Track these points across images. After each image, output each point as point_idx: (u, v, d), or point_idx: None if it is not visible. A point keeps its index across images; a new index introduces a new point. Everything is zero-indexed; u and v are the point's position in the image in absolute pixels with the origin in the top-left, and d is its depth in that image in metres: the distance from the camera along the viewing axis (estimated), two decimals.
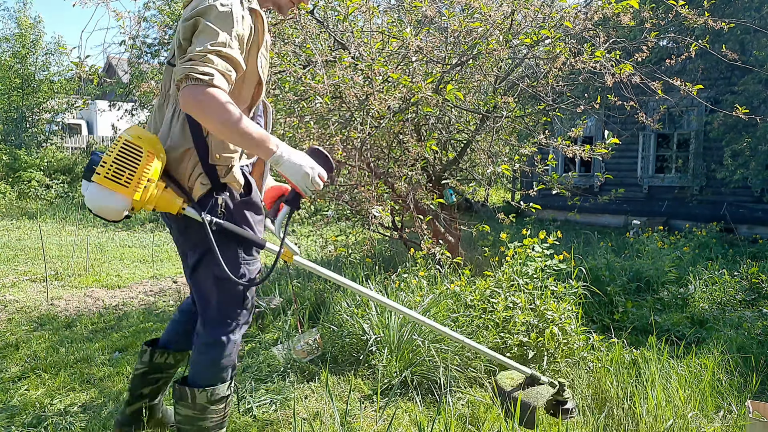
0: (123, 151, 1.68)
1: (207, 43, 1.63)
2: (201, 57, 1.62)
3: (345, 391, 2.82)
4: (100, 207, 1.69)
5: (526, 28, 3.89)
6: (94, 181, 1.66)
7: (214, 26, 1.65)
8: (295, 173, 1.74)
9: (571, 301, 3.37)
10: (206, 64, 1.61)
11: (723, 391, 2.71)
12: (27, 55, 14.99)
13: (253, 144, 1.70)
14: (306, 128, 3.53)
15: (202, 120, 1.68)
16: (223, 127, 1.65)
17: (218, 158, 1.80)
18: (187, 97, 1.61)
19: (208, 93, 1.61)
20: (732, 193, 9.11)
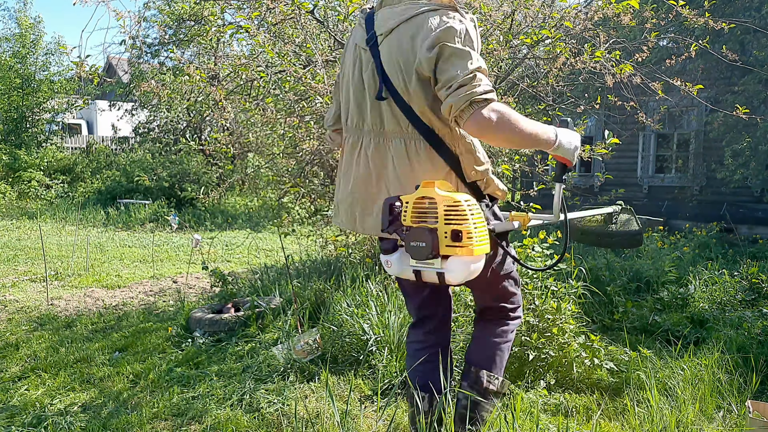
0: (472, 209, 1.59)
1: (466, 63, 1.60)
2: (471, 79, 1.59)
3: (345, 391, 2.82)
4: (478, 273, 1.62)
5: (526, 28, 3.89)
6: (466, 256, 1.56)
7: (463, 48, 1.62)
8: (569, 152, 1.77)
9: (571, 301, 3.37)
10: (480, 84, 1.59)
11: (723, 391, 2.71)
12: (27, 55, 14.99)
13: (543, 138, 1.70)
14: (306, 128, 3.53)
15: (499, 137, 1.66)
16: (522, 135, 1.64)
17: (473, 174, 1.80)
18: (479, 120, 1.57)
19: (496, 111, 1.59)
20: (732, 193, 9.11)
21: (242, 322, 3.80)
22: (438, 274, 1.60)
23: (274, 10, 3.48)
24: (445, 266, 1.58)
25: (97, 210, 11.36)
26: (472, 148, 1.80)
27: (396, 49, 1.71)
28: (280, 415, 2.59)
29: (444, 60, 1.62)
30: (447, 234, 1.55)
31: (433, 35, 1.63)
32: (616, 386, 2.93)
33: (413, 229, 1.60)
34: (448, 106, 1.60)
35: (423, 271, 1.64)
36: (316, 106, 3.53)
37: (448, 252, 1.56)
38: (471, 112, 1.57)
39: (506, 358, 2.10)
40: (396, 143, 1.78)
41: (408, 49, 1.68)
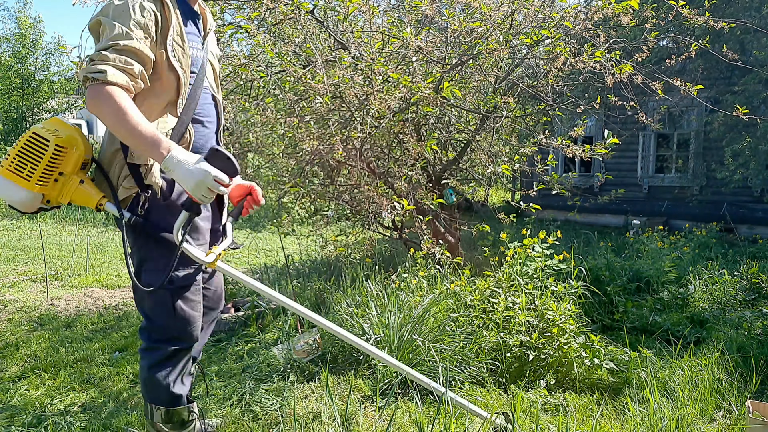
0: (27, 144, 1.68)
1: (106, 40, 1.63)
2: (98, 55, 1.61)
3: (345, 391, 2.82)
4: (5, 198, 1.71)
5: (526, 28, 3.89)
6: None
7: (112, 21, 1.64)
8: (187, 181, 1.63)
9: (571, 301, 3.37)
10: (102, 62, 1.59)
11: (723, 391, 2.71)
12: (27, 55, 15.00)
13: (144, 145, 1.63)
14: (306, 128, 3.53)
15: (100, 119, 1.65)
16: (114, 125, 1.62)
17: (133, 156, 1.75)
18: (87, 97, 1.61)
19: (102, 91, 1.58)
20: (732, 193, 9.11)
21: (242, 322, 3.80)
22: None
23: (274, 10, 3.48)
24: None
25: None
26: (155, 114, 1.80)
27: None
28: (280, 415, 2.59)
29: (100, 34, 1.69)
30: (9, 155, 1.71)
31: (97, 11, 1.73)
32: (616, 386, 2.93)
33: None
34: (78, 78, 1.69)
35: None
36: (316, 106, 3.53)
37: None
38: (86, 86, 1.62)
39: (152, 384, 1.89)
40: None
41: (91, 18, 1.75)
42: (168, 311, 1.85)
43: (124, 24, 1.63)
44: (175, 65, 1.76)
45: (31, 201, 1.70)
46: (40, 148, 1.67)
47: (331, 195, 4.23)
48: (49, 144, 1.67)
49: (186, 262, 1.86)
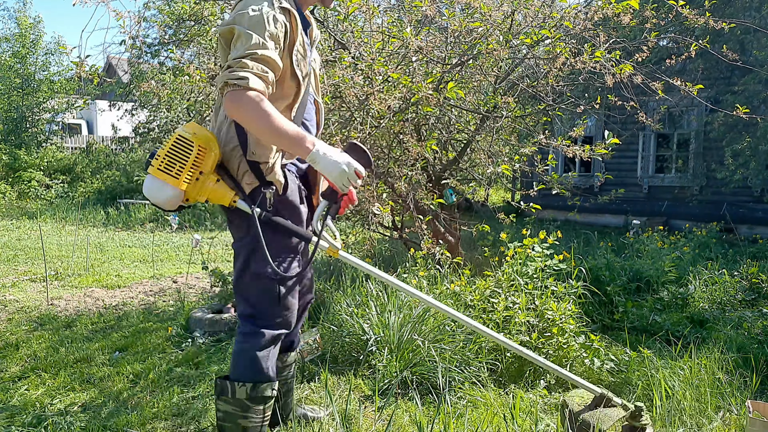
0: (175, 145, 1.83)
1: (243, 48, 1.73)
2: (237, 63, 1.72)
3: (345, 391, 2.82)
4: (153, 197, 1.84)
5: (526, 28, 3.89)
6: (149, 173, 1.83)
7: (248, 31, 1.74)
8: (331, 171, 1.81)
9: (571, 301, 3.37)
10: (242, 69, 1.71)
11: (723, 391, 2.71)
12: (27, 55, 14.99)
13: (291, 143, 1.79)
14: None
15: (242, 123, 1.80)
16: (260, 127, 1.75)
17: (254, 154, 1.88)
18: (228, 102, 1.73)
19: (245, 97, 1.71)
20: (732, 193, 9.11)
21: None
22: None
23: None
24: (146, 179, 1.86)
25: (97, 210, 11.36)
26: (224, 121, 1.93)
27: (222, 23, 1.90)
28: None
29: (233, 41, 1.78)
30: (159, 156, 1.83)
31: (231, 16, 1.81)
32: (616, 386, 2.93)
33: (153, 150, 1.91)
34: (217, 82, 1.79)
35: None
36: None
37: (149, 170, 1.84)
38: (225, 93, 1.74)
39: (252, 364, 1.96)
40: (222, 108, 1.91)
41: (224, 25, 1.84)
42: (273, 299, 1.98)
43: (261, 35, 1.75)
44: (298, 74, 1.91)
45: (176, 198, 1.83)
46: (186, 149, 1.82)
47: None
48: (194, 145, 1.82)
49: (292, 252, 2.01)
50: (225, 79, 1.72)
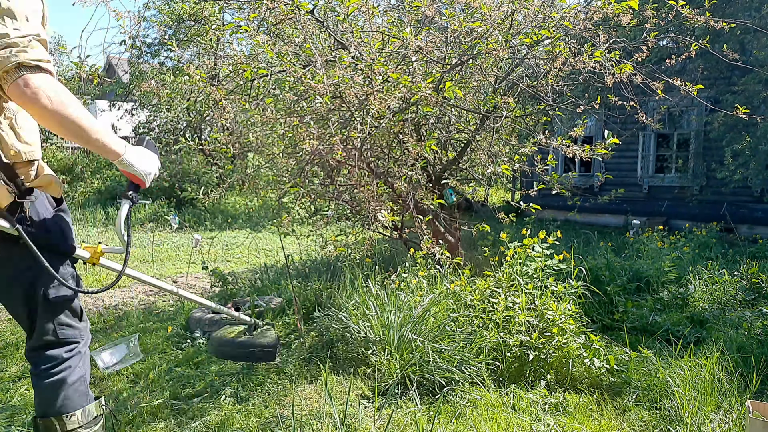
0: None
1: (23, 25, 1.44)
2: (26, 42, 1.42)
3: (345, 391, 2.82)
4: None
5: (526, 28, 3.89)
6: None
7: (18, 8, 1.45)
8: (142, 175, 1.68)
9: (571, 301, 3.37)
10: (35, 49, 1.43)
11: (723, 391, 2.71)
12: None
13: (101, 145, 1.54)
14: (306, 128, 3.53)
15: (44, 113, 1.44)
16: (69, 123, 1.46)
17: (13, 155, 1.58)
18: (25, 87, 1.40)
19: (49, 83, 1.42)
20: (732, 193, 9.11)
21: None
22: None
23: (274, 10, 3.48)
24: None
25: (97, 210, 11.36)
26: (14, 121, 1.61)
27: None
28: (280, 415, 2.59)
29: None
30: None
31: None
32: (616, 386, 2.93)
33: None
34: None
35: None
36: (316, 106, 3.53)
37: None
38: (17, 76, 1.40)
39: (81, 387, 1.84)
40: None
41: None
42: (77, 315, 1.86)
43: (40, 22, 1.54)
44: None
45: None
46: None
47: (331, 195, 4.22)
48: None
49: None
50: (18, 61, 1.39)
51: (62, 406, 1.74)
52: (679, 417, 2.56)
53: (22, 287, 1.70)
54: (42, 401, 1.76)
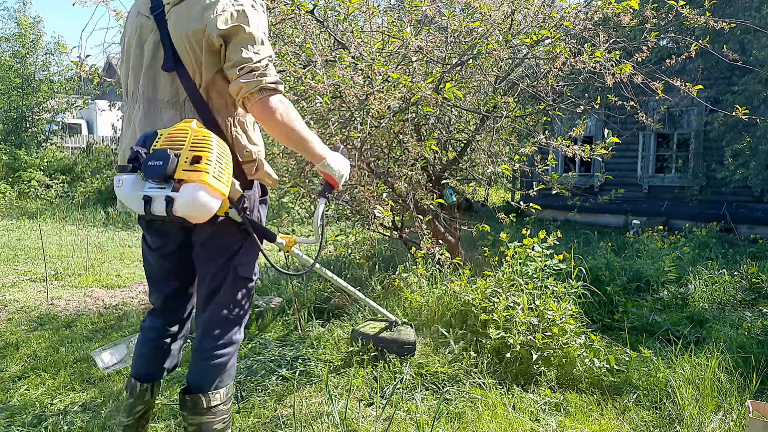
0: (220, 147, 1.60)
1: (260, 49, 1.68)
2: (263, 67, 1.67)
3: (345, 392, 2.82)
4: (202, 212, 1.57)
5: (526, 28, 3.89)
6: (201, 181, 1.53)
7: (256, 33, 1.69)
8: (343, 172, 1.94)
9: (571, 301, 3.37)
10: (270, 73, 1.68)
11: (723, 391, 2.71)
12: (27, 55, 14.97)
13: (312, 151, 1.82)
14: None
15: (276, 127, 1.71)
16: (294, 135, 1.75)
17: (246, 154, 1.80)
18: (265, 107, 1.67)
19: (282, 102, 1.70)
20: (732, 193, 9.11)
21: None
22: (167, 200, 1.53)
23: (274, 10, 3.48)
24: (178, 191, 1.53)
25: (97, 210, 11.36)
26: (246, 126, 1.83)
27: (185, 18, 1.69)
28: (280, 415, 2.59)
29: (238, 41, 1.66)
30: (188, 159, 1.54)
31: (228, 12, 1.66)
32: (617, 386, 2.93)
33: (156, 150, 1.56)
34: (238, 86, 1.65)
35: (153, 198, 1.56)
36: (316, 106, 3.53)
37: (183, 176, 1.53)
38: (259, 97, 1.66)
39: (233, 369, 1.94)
40: (170, 113, 1.76)
41: (199, 19, 1.67)
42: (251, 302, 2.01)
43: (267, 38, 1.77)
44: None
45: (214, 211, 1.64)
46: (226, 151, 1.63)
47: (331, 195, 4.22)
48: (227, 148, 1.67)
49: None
50: (259, 85, 1.65)
51: (216, 385, 1.86)
52: (679, 417, 2.56)
53: (222, 260, 1.85)
54: (199, 377, 1.87)
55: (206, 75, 1.71)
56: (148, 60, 1.78)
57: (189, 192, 1.52)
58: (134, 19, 1.84)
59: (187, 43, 1.69)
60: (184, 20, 1.69)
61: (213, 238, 1.83)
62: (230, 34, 1.66)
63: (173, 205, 1.53)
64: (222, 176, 1.58)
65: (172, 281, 2.00)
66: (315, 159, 1.85)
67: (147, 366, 2.05)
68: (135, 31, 1.82)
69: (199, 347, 1.89)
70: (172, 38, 1.71)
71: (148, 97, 1.79)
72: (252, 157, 1.81)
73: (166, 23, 1.73)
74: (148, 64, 1.78)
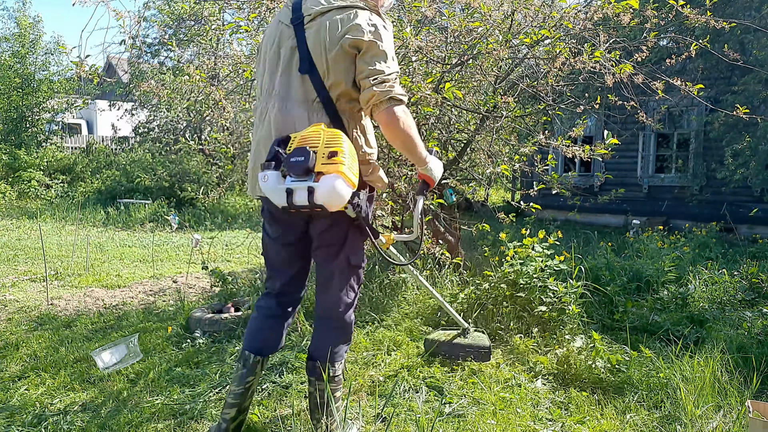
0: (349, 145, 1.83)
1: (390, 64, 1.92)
2: (393, 79, 1.90)
3: (345, 391, 2.82)
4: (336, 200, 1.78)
5: (526, 28, 3.89)
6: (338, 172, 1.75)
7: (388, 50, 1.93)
8: (435, 177, 2.15)
9: (571, 300, 3.37)
10: (398, 85, 1.91)
11: (723, 391, 2.71)
12: (27, 55, 14.97)
13: (418, 154, 2.04)
14: None
15: (396, 134, 1.95)
16: (409, 141, 1.97)
17: (362, 155, 2.02)
18: (391, 115, 1.90)
19: (405, 113, 1.93)
20: (732, 192, 9.11)
21: (242, 321, 3.79)
22: (309, 190, 1.75)
23: (274, 10, 3.48)
24: (318, 182, 1.76)
25: (97, 210, 11.36)
26: (365, 130, 2.07)
27: (325, 30, 1.94)
28: (280, 415, 2.59)
29: (372, 55, 1.91)
30: (325, 154, 1.77)
31: (365, 29, 1.90)
32: (617, 386, 2.93)
33: (296, 149, 1.80)
34: (370, 94, 1.89)
35: (295, 189, 1.78)
36: None
37: (322, 168, 1.76)
38: (387, 106, 1.89)
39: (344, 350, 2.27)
40: (300, 111, 1.99)
41: (337, 32, 1.92)
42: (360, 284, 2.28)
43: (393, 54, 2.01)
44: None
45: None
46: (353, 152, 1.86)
47: None
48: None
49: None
50: (390, 94, 1.87)
51: (332, 359, 2.18)
52: (679, 417, 2.56)
53: (336, 248, 2.12)
54: (322, 351, 2.19)
55: (336, 80, 1.94)
56: (284, 63, 2.02)
57: (329, 182, 1.75)
58: (274, 28, 2.11)
59: (323, 51, 1.94)
60: (324, 32, 1.94)
61: (329, 229, 2.08)
62: (365, 48, 1.90)
63: (314, 195, 1.75)
64: (353, 169, 1.82)
65: (288, 268, 2.26)
66: (420, 162, 2.08)
67: (261, 340, 2.27)
68: (274, 37, 2.08)
69: (320, 325, 2.22)
70: (309, 46, 1.96)
71: (282, 96, 2.02)
72: (368, 160, 2.05)
73: (304, 32, 1.97)
74: (284, 67, 2.02)
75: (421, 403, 2.67)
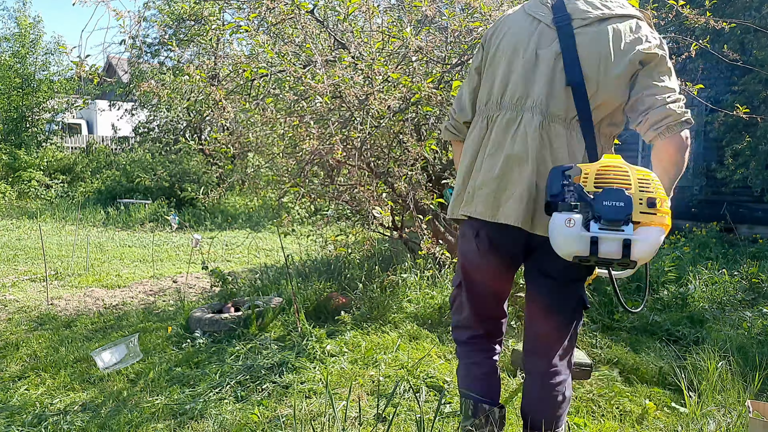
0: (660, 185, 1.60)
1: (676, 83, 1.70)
2: (683, 101, 1.67)
3: (345, 391, 2.82)
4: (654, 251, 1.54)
5: None
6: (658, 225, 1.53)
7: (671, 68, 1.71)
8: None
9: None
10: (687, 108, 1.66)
11: (723, 392, 2.71)
12: (27, 55, 14.97)
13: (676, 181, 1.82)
14: (306, 128, 3.53)
15: (678, 159, 1.72)
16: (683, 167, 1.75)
17: None
18: (681, 140, 1.67)
19: (689, 137, 1.69)
20: (732, 192, 9.10)
21: (242, 321, 3.80)
22: (624, 243, 1.47)
23: (274, 10, 3.48)
24: (636, 234, 1.48)
25: (97, 210, 11.36)
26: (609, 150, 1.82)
27: (607, 40, 1.68)
28: (280, 415, 2.59)
29: (662, 71, 1.68)
30: (642, 201, 1.51)
31: (652, 41, 1.69)
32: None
33: (609, 190, 1.51)
34: (666, 112, 1.63)
35: (603, 239, 1.48)
36: (316, 105, 3.52)
37: (642, 218, 1.50)
38: (680, 129, 1.65)
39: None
40: (558, 127, 1.71)
41: (622, 43, 1.67)
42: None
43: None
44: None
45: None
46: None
47: (331, 195, 4.22)
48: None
49: None
50: (684, 117, 1.64)
51: (558, 421, 1.82)
52: (679, 416, 2.56)
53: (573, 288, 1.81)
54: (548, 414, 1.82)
55: (608, 98, 1.69)
56: (547, 70, 1.72)
57: (655, 236, 1.51)
58: (527, 24, 1.79)
59: (601, 64, 1.67)
60: (607, 42, 1.68)
61: (569, 267, 1.70)
62: (656, 62, 1.68)
63: (633, 248, 1.48)
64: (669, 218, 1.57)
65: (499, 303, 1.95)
66: (670, 191, 1.79)
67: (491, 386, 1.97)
68: (530, 36, 1.76)
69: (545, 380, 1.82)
70: (582, 55, 1.68)
71: (542, 109, 1.72)
72: None
73: (573, 38, 1.69)
74: (548, 75, 1.72)
75: (421, 403, 2.67)
